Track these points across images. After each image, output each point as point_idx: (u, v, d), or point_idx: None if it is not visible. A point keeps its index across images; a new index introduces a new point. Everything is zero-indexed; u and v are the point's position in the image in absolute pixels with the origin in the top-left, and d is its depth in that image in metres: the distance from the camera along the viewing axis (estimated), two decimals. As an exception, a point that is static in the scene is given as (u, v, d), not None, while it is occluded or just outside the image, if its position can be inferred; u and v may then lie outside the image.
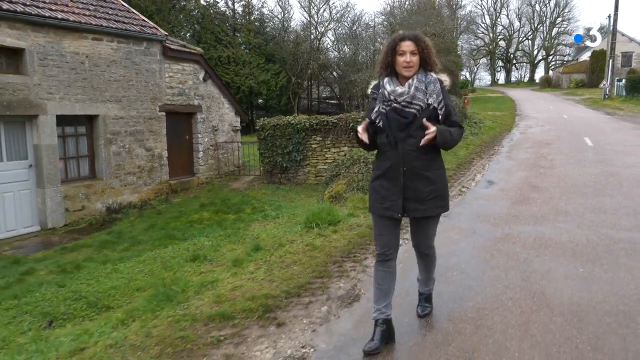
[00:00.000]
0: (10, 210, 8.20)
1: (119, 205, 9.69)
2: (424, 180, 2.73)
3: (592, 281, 3.83)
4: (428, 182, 2.73)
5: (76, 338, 3.50)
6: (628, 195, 6.62)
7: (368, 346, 2.79)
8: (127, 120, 9.97)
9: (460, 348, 2.91)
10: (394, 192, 2.74)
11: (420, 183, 2.72)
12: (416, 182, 2.72)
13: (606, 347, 2.85)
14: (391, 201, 2.74)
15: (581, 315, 3.25)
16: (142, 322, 3.48)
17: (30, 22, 8.06)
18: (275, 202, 9.95)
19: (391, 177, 2.74)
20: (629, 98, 29.13)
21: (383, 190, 2.77)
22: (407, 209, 2.75)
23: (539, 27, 67.09)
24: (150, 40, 10.40)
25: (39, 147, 8.45)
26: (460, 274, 4.13)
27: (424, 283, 3.27)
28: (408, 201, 2.74)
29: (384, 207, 2.77)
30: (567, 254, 4.49)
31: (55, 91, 8.55)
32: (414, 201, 2.74)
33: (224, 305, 3.58)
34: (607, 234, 5.01)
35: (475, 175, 8.66)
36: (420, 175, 2.72)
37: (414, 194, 2.73)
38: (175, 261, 6.16)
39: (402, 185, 2.72)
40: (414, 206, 2.75)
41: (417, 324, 3.24)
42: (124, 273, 5.85)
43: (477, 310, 3.40)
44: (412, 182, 2.72)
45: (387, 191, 2.75)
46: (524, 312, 3.35)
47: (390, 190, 2.74)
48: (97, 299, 4.93)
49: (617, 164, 9.06)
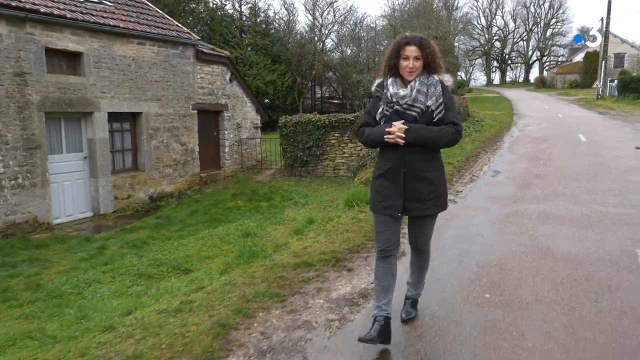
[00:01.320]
0: (68, 197, 9.18)
1: (159, 195, 10.69)
2: (424, 182, 2.78)
3: (585, 240, 4.90)
4: (428, 183, 2.79)
5: (189, 283, 4.53)
6: (615, 181, 7.72)
7: (365, 335, 2.80)
8: (165, 117, 10.97)
9: (489, 282, 3.97)
10: (394, 192, 2.79)
11: (421, 184, 2.77)
12: (416, 183, 2.77)
13: (595, 279, 3.92)
14: (392, 201, 2.80)
15: (577, 261, 4.33)
16: (241, 270, 4.52)
17: (88, 28, 9.04)
18: (300, 191, 10.97)
19: (392, 177, 2.79)
20: (620, 98, 30.28)
21: (384, 190, 2.82)
22: (407, 208, 2.81)
23: (534, 28, 68.21)
24: (185, 44, 11.40)
25: (93, 140, 9.44)
26: (480, 238, 5.19)
27: (414, 286, 3.27)
28: (408, 201, 2.79)
29: (384, 205, 2.83)
30: (565, 223, 5.56)
31: (107, 90, 9.54)
32: (414, 201, 2.79)
33: (302, 257, 4.62)
34: (598, 209, 6.09)
35: (482, 166, 9.73)
36: (420, 177, 2.77)
37: (414, 194, 2.78)
38: (231, 237, 7.19)
39: (402, 186, 2.77)
40: (414, 206, 2.81)
41: (455, 266, 4.30)
42: (189, 246, 6.86)
43: (499, 260, 4.46)
44: (412, 183, 2.77)
45: (388, 191, 2.81)
46: (534, 260, 4.42)
47: (391, 190, 2.80)
48: (178, 264, 5.95)
49: (608, 156, 10.17)
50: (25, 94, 8.09)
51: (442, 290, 3.82)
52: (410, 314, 3.25)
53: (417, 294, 3.31)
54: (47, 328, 4.08)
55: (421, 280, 3.27)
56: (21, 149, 8.09)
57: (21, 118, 8.04)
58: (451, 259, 4.51)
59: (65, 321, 4.22)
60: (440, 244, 4.89)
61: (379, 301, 2.90)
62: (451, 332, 3.17)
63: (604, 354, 2.86)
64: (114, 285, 5.31)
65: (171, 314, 3.59)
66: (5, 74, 7.80)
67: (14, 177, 8.00)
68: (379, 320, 2.84)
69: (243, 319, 3.44)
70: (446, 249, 4.79)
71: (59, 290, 5.24)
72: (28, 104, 8.14)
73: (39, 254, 6.90)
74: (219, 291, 4.01)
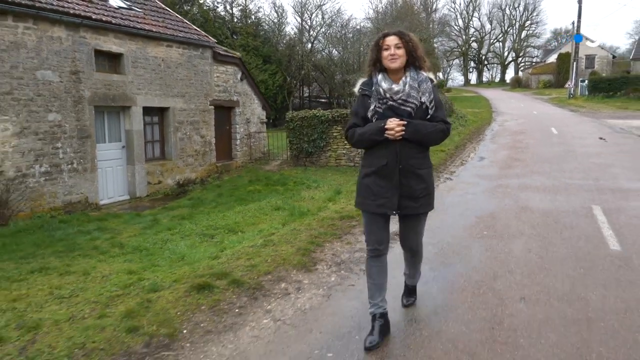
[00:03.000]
0: (110, 181, 10.38)
1: (185, 181, 11.94)
2: (417, 179, 2.79)
3: (554, 201, 6.46)
4: (420, 180, 2.80)
5: (259, 233, 5.90)
6: (580, 163, 9.35)
7: (369, 341, 2.85)
8: (188, 112, 12.23)
9: (486, 225, 5.47)
10: (389, 189, 2.76)
11: (414, 181, 2.78)
12: (410, 180, 2.77)
13: (561, 221, 5.47)
14: (385, 198, 2.77)
15: (548, 212, 5.87)
16: (298, 222, 5.92)
17: (127, 32, 10.25)
18: (309, 177, 12.35)
19: (386, 174, 2.76)
20: (590, 97, 32.50)
21: (376, 188, 2.78)
22: (401, 206, 2.79)
23: (509, 30, 70.05)
24: (204, 46, 12.67)
25: (130, 132, 10.66)
26: (475, 201, 6.70)
27: (411, 277, 3.32)
28: (402, 199, 2.78)
29: (377, 204, 2.79)
30: (540, 191, 7.12)
31: (142, 87, 10.77)
32: (408, 199, 2.79)
33: (343, 213, 6.04)
34: (565, 181, 7.68)
35: (469, 153, 11.31)
36: (414, 173, 2.77)
37: (408, 191, 2.78)
38: (264, 210, 8.53)
39: (398, 183, 2.75)
40: (407, 204, 2.79)
41: (459, 218, 5.78)
42: (232, 217, 8.16)
43: (491, 213, 5.97)
44: (407, 180, 2.76)
45: (382, 188, 2.77)
46: (517, 212, 5.94)
47: (385, 187, 2.76)
48: (231, 228, 7.27)
49: (575, 145, 11.86)
50: (79, 90, 9.29)
51: (452, 231, 5.30)
52: (410, 299, 3.40)
53: (414, 282, 3.39)
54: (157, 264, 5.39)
55: (417, 271, 3.31)
56: (76, 138, 9.28)
57: (76, 111, 9.24)
58: (455, 214, 6.00)
59: (168, 260, 5.53)
60: (445, 205, 6.38)
61: (374, 299, 2.96)
62: (462, 251, 4.65)
63: (565, 260, 4.37)
64: (187, 242, 6.61)
65: (260, 247, 4.97)
66: (64, 72, 8.98)
67: (70, 162, 9.19)
68: (377, 319, 2.94)
69: (316, 247, 4.86)
70: (451, 208, 6.29)
71: (142, 247, 6.51)
72: (81, 98, 9.34)
73: (104, 225, 8.13)
74: (288, 234, 5.41)
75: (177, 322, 3.33)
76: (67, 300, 3.95)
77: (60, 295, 4.14)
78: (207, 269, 4.32)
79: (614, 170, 8.50)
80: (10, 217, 8.00)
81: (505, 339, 2.96)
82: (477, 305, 3.43)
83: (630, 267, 4.08)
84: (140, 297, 3.75)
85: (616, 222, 5.38)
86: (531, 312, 3.31)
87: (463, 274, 4.03)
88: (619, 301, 3.44)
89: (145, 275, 4.59)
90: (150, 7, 12.40)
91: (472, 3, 70.06)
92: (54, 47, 8.77)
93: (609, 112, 23.76)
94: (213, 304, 3.60)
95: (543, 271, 4.04)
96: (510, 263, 4.26)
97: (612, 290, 3.63)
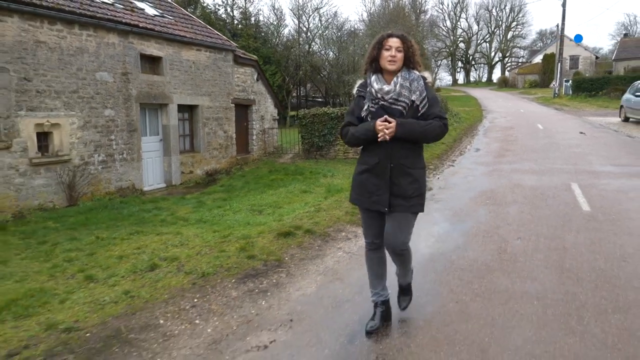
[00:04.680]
0: (150, 170, 11.68)
1: (212, 171, 13.28)
2: (409, 178, 2.82)
3: (541, 180, 7.97)
4: (412, 180, 2.83)
5: (305, 205, 7.30)
6: (563, 152, 10.91)
7: (370, 325, 2.98)
8: (213, 109, 13.56)
9: (487, 197, 6.94)
10: (380, 187, 2.82)
11: (405, 180, 2.81)
12: (401, 179, 2.81)
13: (546, 193, 6.97)
14: (378, 195, 2.83)
15: (536, 187, 7.37)
16: (337, 197, 7.31)
17: (166, 38, 11.56)
18: (323, 168, 13.74)
19: (378, 172, 2.82)
20: (574, 96, 34.23)
21: (370, 185, 2.86)
22: (392, 204, 2.84)
23: (496, 31, 71.30)
24: (227, 50, 14.00)
25: (167, 126, 11.97)
26: (476, 180, 8.18)
27: (402, 276, 3.27)
28: (393, 197, 2.82)
29: (371, 200, 2.86)
30: (528, 173, 8.63)
31: (177, 87, 12.08)
32: (399, 197, 2.83)
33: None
34: (549, 166, 9.21)
35: (466, 145, 12.82)
36: (405, 173, 2.81)
37: (399, 190, 2.82)
38: (294, 193, 9.90)
39: (389, 181, 2.81)
40: (399, 202, 2.83)
41: (465, 192, 7.25)
42: (269, 198, 9.53)
43: (490, 189, 7.45)
44: (398, 179, 2.81)
45: (374, 186, 2.84)
46: (511, 188, 7.43)
47: (377, 185, 2.83)
48: (274, 205, 8.64)
49: (558, 138, 13.44)
50: (128, 89, 10.58)
51: (461, 201, 6.78)
52: (405, 300, 3.29)
53: (407, 281, 3.30)
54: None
55: (407, 270, 3.23)
56: (125, 131, 10.57)
57: (126, 107, 10.53)
58: (462, 190, 7.47)
59: (236, 225, 6.89)
60: (452, 185, 7.86)
61: (375, 288, 3.10)
62: (472, 213, 6.12)
63: (549, 217, 5.86)
64: (241, 215, 7.96)
65: (314, 212, 6.38)
66: (117, 73, 10.27)
67: (121, 153, 10.48)
68: (379, 306, 3.09)
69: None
70: (457, 186, 7.76)
71: (204, 219, 7.85)
72: (130, 96, 10.63)
73: (158, 205, 9.43)
74: (333, 204, 6.82)
75: (279, 254, 4.73)
76: (183, 247, 5.31)
77: (173, 244, 5.49)
78: (281, 225, 5.72)
79: (590, 158, 10.06)
80: (78, 199, 9.30)
81: (508, 258, 4.42)
82: (487, 243, 4.89)
83: (596, 220, 5.57)
84: (241, 242, 5.13)
85: (588, 194, 6.89)
86: (525, 245, 4.77)
87: (474, 226, 5.49)
88: (586, 239, 4.92)
89: (229, 232, 5.96)
90: (177, 15, 13.71)
91: (459, 4, 71.64)
92: (109, 52, 10.07)
93: (591, 110, 25.48)
94: (298, 244, 5.02)
95: (533, 223, 5.52)
96: (508, 219, 5.74)
97: (582, 233, 5.12)
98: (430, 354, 2.85)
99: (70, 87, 9.26)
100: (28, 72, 8.45)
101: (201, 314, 3.54)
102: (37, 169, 8.69)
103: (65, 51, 9.10)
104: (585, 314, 3.28)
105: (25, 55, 8.40)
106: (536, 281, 3.86)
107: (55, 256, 5.61)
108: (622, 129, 15.30)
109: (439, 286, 3.85)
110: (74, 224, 7.56)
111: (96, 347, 3.08)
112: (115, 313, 3.54)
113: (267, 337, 3.15)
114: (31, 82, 8.51)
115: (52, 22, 8.83)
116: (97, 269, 4.76)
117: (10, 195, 8.26)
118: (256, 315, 3.49)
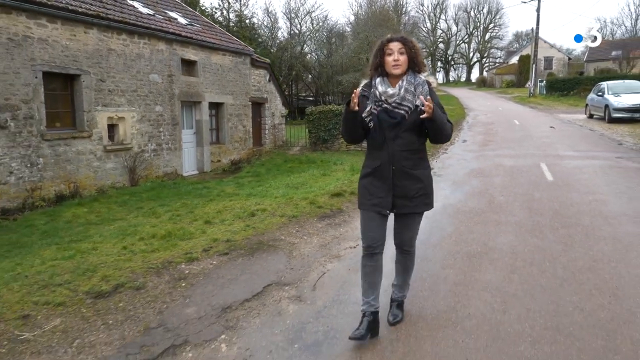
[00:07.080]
0: (186, 159, 13.54)
1: (235, 161, 15.18)
2: (412, 179, 2.87)
3: (517, 162, 10.18)
4: (416, 181, 2.88)
5: (336, 180, 9.32)
6: (535, 142, 13.20)
7: (354, 333, 2.89)
8: (235, 107, 15.46)
9: (477, 172, 9.10)
10: (383, 190, 2.87)
11: (409, 182, 2.86)
12: (404, 181, 2.86)
13: (521, 171, 9.16)
14: (380, 198, 2.88)
15: (513, 167, 9.57)
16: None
17: (200, 45, 13.43)
18: (331, 158, 15.75)
19: (380, 175, 2.88)
20: (547, 96, 36.84)
21: (372, 188, 2.91)
22: (396, 205, 2.90)
23: (474, 32, 73.32)
24: (245, 54, 15.91)
25: (200, 121, 13.83)
26: (467, 163, 10.34)
27: (399, 288, 3.26)
28: (397, 198, 2.88)
29: (372, 203, 2.90)
30: (507, 157, 10.85)
31: (208, 87, 13.95)
32: (403, 198, 2.89)
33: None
34: (524, 152, 11.45)
35: (454, 138, 15.03)
36: (408, 174, 2.86)
37: (403, 191, 2.87)
38: (315, 176, 11.92)
39: (391, 184, 2.86)
40: (402, 203, 2.90)
41: (459, 170, 9.40)
42: (296, 179, 11.51)
43: (479, 167, 9.62)
44: (401, 181, 2.86)
45: (377, 188, 2.89)
46: (494, 167, 9.61)
47: (380, 187, 2.88)
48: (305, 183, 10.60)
49: (532, 131, 15.77)
50: (172, 89, 12.43)
51: (458, 175, 8.92)
52: (397, 316, 3.21)
53: (402, 296, 3.28)
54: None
55: (406, 281, 3.25)
56: (170, 124, 12.42)
57: (170, 104, 12.37)
58: (457, 168, 9.61)
59: (288, 194, 8.85)
60: (449, 165, 10.00)
61: (367, 297, 3.00)
62: (467, 181, 8.25)
63: (523, 184, 8.04)
64: (283, 191, 9.91)
65: (349, 183, 8.41)
66: (164, 75, 12.12)
67: (167, 143, 12.33)
68: (367, 316, 2.96)
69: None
70: (452, 167, 9.89)
71: (253, 194, 9.77)
72: (173, 95, 12.48)
73: (205, 185, 11.33)
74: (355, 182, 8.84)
75: (338, 205, 6.76)
76: (261, 205, 7.28)
77: (251, 204, 7.45)
78: (328, 191, 7.74)
79: (557, 146, 12.35)
80: (138, 181, 11.15)
81: (496, 205, 6.55)
82: (481, 198, 7.02)
83: (556, 185, 7.76)
84: (307, 200, 7.12)
85: (553, 170, 9.09)
86: (506, 199, 6.91)
87: (470, 189, 7.63)
88: (548, 194, 7.09)
89: (291, 196, 7.94)
90: (202, 23, 15.58)
91: (439, 6, 73.70)
92: (159, 57, 11.93)
93: (562, 108, 28.04)
94: (348, 200, 7.06)
95: (512, 186, 7.68)
96: (494, 185, 7.89)
97: (545, 191, 7.28)
98: (452, 246, 4.93)
99: (132, 86, 11.11)
100: (103, 75, 10.28)
101: (305, 235, 5.55)
102: (108, 155, 10.54)
103: (128, 57, 10.96)
104: (544, 229, 5.41)
105: (101, 60, 10.24)
106: (515, 215, 5.99)
107: (160, 215, 7.52)
108: (586, 124, 17.74)
109: (453, 219, 5.95)
110: (150, 197, 9.45)
111: (252, 247, 5.06)
112: (249, 235, 5.51)
113: (352, 244, 5.18)
114: (104, 82, 10.35)
115: (119, 33, 10.68)
116: (207, 218, 6.70)
117: (91, 175, 10.11)
118: (340, 235, 5.52)
